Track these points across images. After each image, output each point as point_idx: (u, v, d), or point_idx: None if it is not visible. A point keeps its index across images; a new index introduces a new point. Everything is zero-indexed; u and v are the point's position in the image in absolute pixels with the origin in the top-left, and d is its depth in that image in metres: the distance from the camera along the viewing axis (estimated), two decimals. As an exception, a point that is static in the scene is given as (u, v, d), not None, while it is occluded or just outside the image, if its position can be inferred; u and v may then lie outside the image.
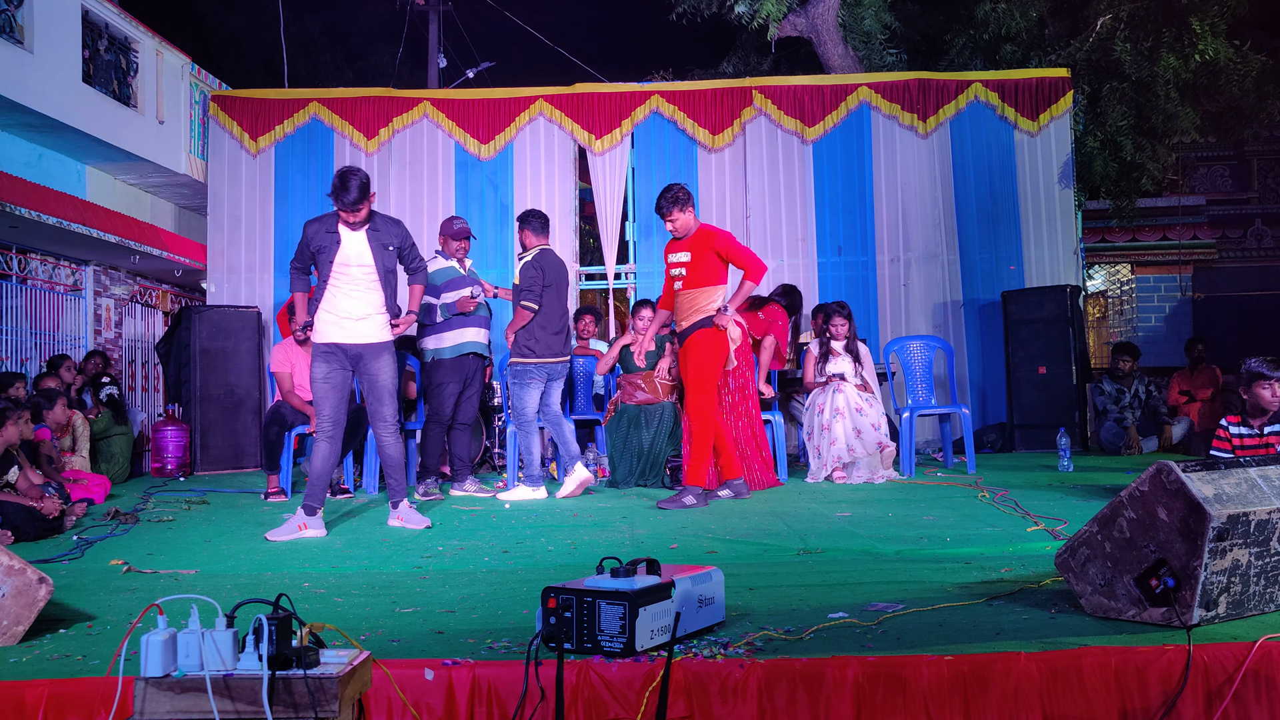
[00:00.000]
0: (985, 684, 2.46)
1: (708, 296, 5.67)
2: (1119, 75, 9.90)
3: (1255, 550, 2.77)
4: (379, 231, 5.00)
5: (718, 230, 5.81)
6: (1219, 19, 9.81)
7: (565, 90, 9.32)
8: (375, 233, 4.98)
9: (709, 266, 5.69)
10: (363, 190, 4.83)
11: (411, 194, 9.12)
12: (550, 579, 2.98)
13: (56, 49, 8.41)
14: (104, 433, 7.50)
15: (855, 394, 6.56)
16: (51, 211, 8.31)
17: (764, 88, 9.34)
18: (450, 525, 5.15)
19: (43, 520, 5.01)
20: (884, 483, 6.45)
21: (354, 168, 4.94)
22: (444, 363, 6.35)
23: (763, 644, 2.67)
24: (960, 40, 10.91)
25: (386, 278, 5.02)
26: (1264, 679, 2.49)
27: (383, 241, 4.99)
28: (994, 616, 2.95)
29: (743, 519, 5.07)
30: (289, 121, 9.18)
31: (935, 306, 9.15)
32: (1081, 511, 4.63)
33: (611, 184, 9.20)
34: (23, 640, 2.90)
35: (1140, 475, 2.81)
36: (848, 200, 9.21)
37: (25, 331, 9.04)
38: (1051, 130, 9.22)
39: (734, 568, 3.64)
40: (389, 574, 3.94)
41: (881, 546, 4.23)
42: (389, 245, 5.02)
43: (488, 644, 2.72)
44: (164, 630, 2.05)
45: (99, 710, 2.37)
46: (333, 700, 2.00)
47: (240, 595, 2.63)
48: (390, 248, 5.02)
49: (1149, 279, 14.30)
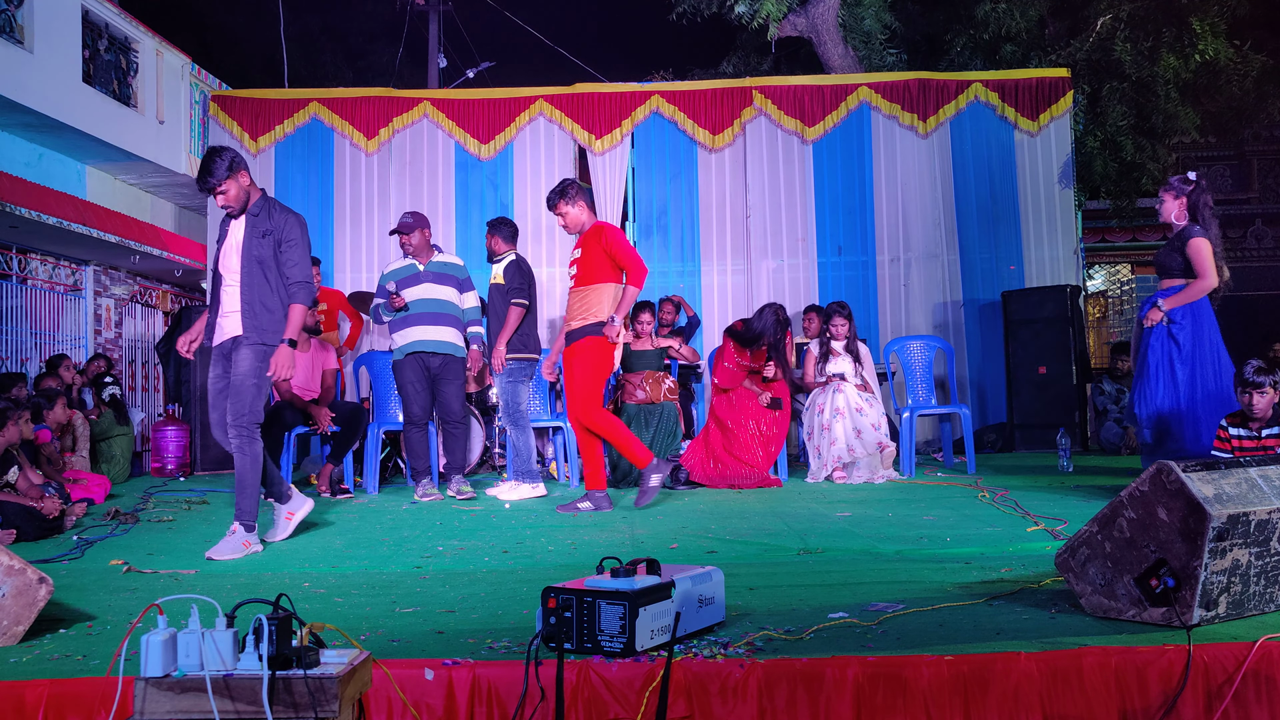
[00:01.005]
0: (985, 684, 2.46)
1: (596, 295, 5.44)
2: (1119, 75, 9.91)
3: (1255, 550, 2.78)
4: (257, 217, 4.47)
5: (607, 227, 5.58)
6: (1219, 19, 9.82)
7: (565, 90, 9.32)
8: (254, 219, 4.47)
9: (598, 264, 5.45)
10: (230, 168, 4.35)
11: (412, 194, 9.12)
12: (550, 579, 2.98)
13: (56, 49, 8.42)
14: (104, 433, 7.51)
15: (855, 394, 6.57)
16: (51, 211, 8.32)
17: (764, 88, 9.34)
18: (450, 525, 5.15)
19: (43, 520, 5.01)
20: (884, 483, 6.46)
21: (219, 147, 4.50)
22: (398, 364, 6.29)
23: (763, 644, 2.67)
24: (960, 40, 10.92)
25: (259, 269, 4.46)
26: (1264, 679, 2.49)
27: (260, 229, 4.46)
28: (994, 616, 2.95)
29: (743, 519, 5.07)
30: (289, 121, 9.18)
31: (935, 306, 9.15)
32: (1081, 511, 4.63)
33: (611, 184, 9.20)
34: (23, 640, 2.90)
35: (1140, 475, 2.81)
36: (848, 200, 9.21)
37: (25, 331, 9.05)
38: (1051, 130, 9.22)
39: (734, 568, 3.64)
40: (389, 574, 3.94)
41: (881, 546, 4.23)
42: (266, 234, 4.46)
43: (488, 644, 2.72)
44: (164, 630, 2.04)
45: (99, 710, 2.37)
46: (333, 700, 2.00)
47: (240, 595, 2.63)
48: (266, 236, 4.46)
49: (1149, 279, 14.29)
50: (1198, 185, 5.41)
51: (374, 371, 7.15)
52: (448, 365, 6.23)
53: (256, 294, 4.43)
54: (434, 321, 6.22)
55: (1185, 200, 5.38)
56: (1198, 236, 5.25)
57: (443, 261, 6.37)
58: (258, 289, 4.43)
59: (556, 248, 9.16)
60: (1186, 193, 5.39)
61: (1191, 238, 5.26)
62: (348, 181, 9.15)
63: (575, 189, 5.63)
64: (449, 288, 6.31)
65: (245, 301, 4.42)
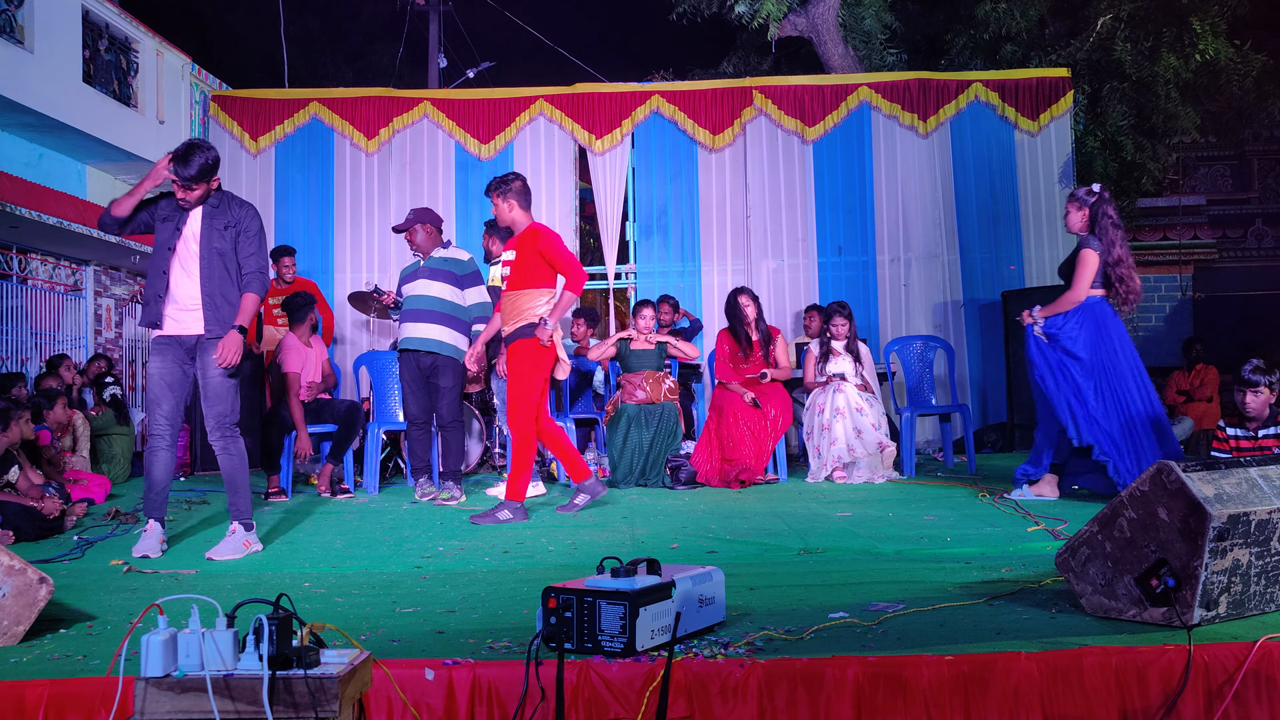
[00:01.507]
0: (986, 684, 2.46)
1: (529, 300, 5.29)
2: (1119, 75, 9.91)
3: (1256, 550, 2.78)
4: (217, 209, 4.43)
5: (543, 230, 5.37)
6: (1219, 19, 9.83)
7: (565, 90, 9.32)
8: (214, 211, 4.43)
9: (532, 268, 5.29)
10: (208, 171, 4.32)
11: (412, 194, 9.12)
12: (550, 579, 2.98)
13: (57, 49, 8.42)
14: (104, 431, 7.50)
15: (855, 394, 6.57)
16: (52, 211, 8.32)
17: (764, 88, 9.34)
18: (450, 525, 5.15)
19: (43, 520, 5.01)
20: (884, 483, 6.46)
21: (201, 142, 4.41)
22: (399, 362, 6.19)
23: (763, 644, 2.67)
24: (960, 40, 10.92)
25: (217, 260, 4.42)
26: (1264, 679, 2.49)
27: (222, 222, 4.42)
28: (994, 616, 2.95)
29: (743, 519, 5.07)
30: (289, 121, 9.18)
31: (936, 306, 9.15)
32: (1082, 511, 4.64)
33: (612, 184, 9.20)
34: (23, 640, 2.90)
35: (1140, 475, 2.81)
36: (848, 200, 9.21)
37: (25, 331, 9.05)
38: (1052, 130, 9.22)
39: (734, 567, 3.64)
40: (389, 574, 3.94)
41: (882, 546, 4.23)
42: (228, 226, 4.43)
43: (488, 644, 2.72)
44: (164, 630, 2.04)
45: (99, 710, 2.37)
46: (333, 700, 2.00)
47: (240, 595, 2.63)
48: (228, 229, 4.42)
49: (1149, 279, 14.27)
50: (1100, 197, 5.50)
51: (374, 371, 7.15)
52: (438, 365, 6.02)
53: (218, 286, 4.41)
54: (423, 319, 6.04)
55: (1087, 211, 5.47)
56: (1087, 248, 5.35)
57: (443, 257, 6.16)
58: (218, 281, 4.42)
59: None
60: (1089, 204, 5.47)
61: (1083, 248, 5.38)
62: (348, 181, 9.15)
63: (517, 188, 5.42)
64: (444, 284, 6.09)
65: (206, 294, 4.40)
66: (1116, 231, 5.41)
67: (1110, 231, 5.39)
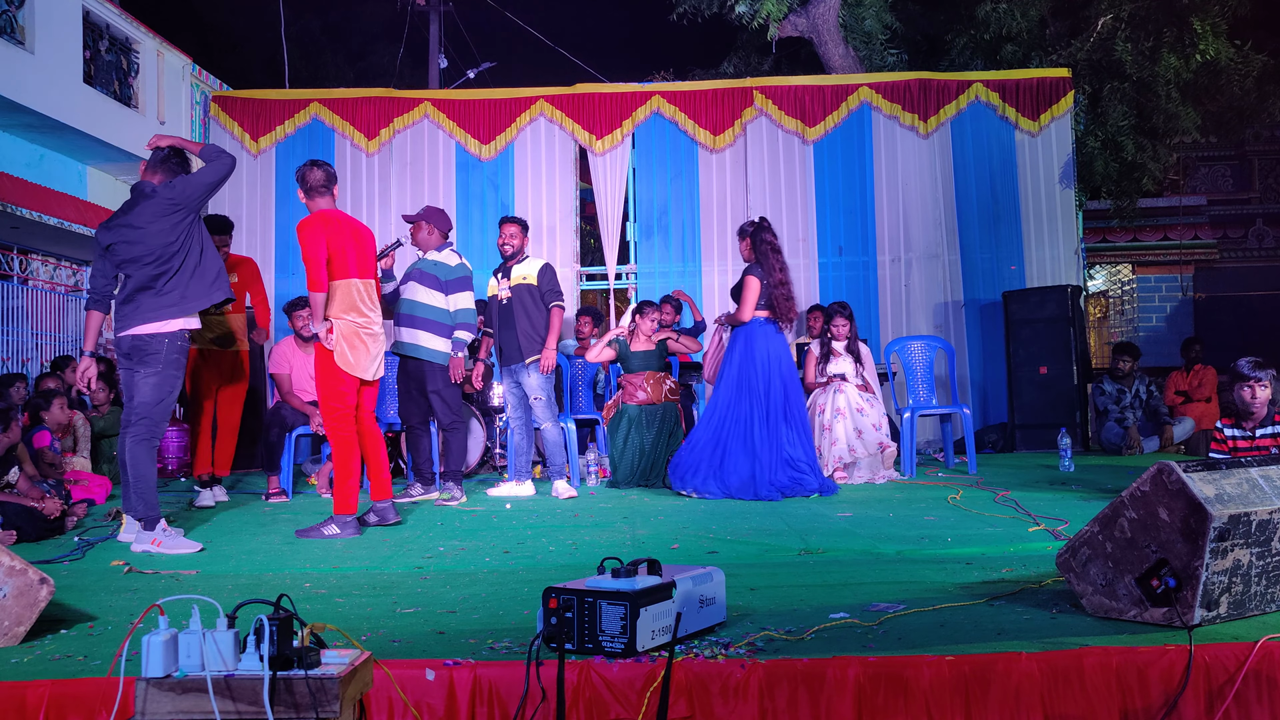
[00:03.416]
0: (986, 684, 2.46)
1: (316, 301, 4.94)
2: (1120, 75, 9.90)
3: (1256, 550, 2.77)
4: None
5: (303, 222, 5.01)
6: (1220, 19, 9.82)
7: (566, 90, 9.33)
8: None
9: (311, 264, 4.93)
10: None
11: (412, 194, 9.12)
12: (551, 579, 2.98)
13: (57, 49, 8.42)
14: (105, 431, 7.50)
15: (856, 394, 6.57)
16: (52, 212, 8.33)
17: (765, 88, 9.35)
18: (451, 525, 5.15)
19: (44, 521, 5.01)
20: (885, 483, 6.46)
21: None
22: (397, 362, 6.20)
23: (764, 644, 2.67)
24: (961, 40, 10.92)
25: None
26: (1265, 679, 2.49)
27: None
28: (995, 616, 2.95)
29: (744, 519, 5.07)
30: (290, 122, 9.18)
31: (936, 306, 9.15)
32: (1082, 512, 4.63)
33: (612, 184, 9.20)
34: (24, 640, 2.90)
35: (1141, 475, 2.81)
36: (848, 200, 9.22)
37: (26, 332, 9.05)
38: (1052, 130, 9.22)
39: (735, 568, 3.64)
40: (390, 574, 3.94)
41: (882, 546, 4.23)
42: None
43: (489, 644, 2.72)
44: (165, 631, 2.04)
45: (100, 710, 2.37)
46: (334, 700, 2.00)
47: (241, 595, 2.63)
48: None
49: (1150, 279, 14.30)
50: (758, 225, 6.08)
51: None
52: (422, 371, 5.93)
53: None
54: (409, 324, 5.95)
55: (748, 241, 6.02)
56: (748, 275, 5.94)
57: (432, 260, 6.00)
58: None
59: (557, 247, 9.17)
60: (749, 233, 6.04)
61: (746, 275, 5.97)
62: (348, 182, 9.15)
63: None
64: (428, 289, 5.94)
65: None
66: (776, 257, 5.97)
67: (770, 257, 5.95)
